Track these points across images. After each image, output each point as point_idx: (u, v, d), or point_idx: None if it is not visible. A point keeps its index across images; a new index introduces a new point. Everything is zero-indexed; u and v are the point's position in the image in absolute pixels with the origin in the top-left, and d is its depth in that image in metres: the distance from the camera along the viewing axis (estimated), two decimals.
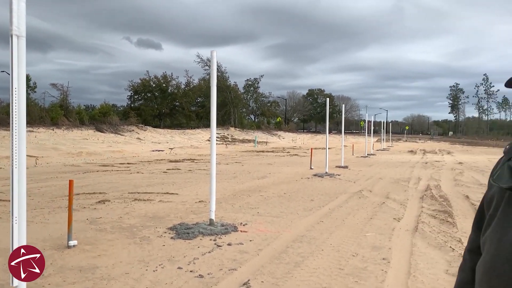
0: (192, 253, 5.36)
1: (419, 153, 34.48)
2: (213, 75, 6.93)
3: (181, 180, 13.04)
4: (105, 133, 34.41)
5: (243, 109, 73.09)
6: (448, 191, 11.30)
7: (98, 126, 35.59)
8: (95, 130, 34.36)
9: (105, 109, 40.55)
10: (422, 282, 4.47)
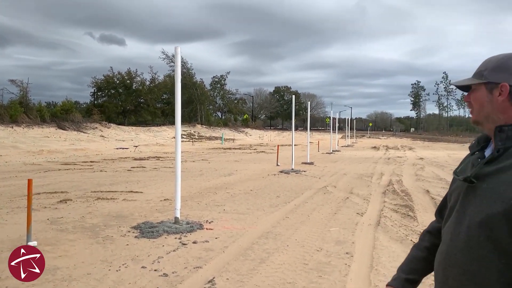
0: (156, 252, 5.30)
1: (382, 149, 35.31)
2: (178, 72, 6.86)
3: (146, 178, 12.86)
4: (68, 131, 33.47)
5: (209, 106, 72.68)
6: (410, 186, 11.63)
7: (60, 123, 34.55)
8: (57, 128, 33.36)
9: (67, 106, 39.39)
10: (384, 275, 4.58)
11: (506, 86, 1.38)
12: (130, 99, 57.95)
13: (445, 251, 1.44)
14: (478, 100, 1.45)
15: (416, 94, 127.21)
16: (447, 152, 30.77)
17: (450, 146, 42.10)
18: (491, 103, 1.41)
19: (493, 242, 1.29)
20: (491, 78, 1.41)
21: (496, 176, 1.32)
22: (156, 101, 61.18)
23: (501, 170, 1.32)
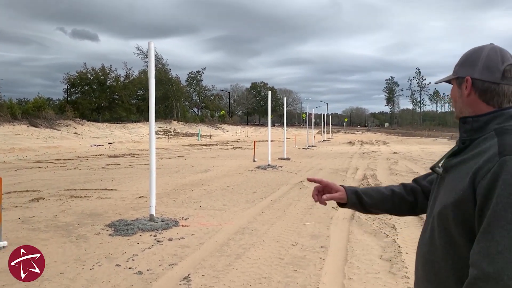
0: (131, 250, 5.24)
1: (357, 144, 35.77)
2: (151, 67, 6.78)
3: (121, 175, 12.69)
4: (40, 128, 32.68)
5: (186, 102, 72.10)
6: (384, 180, 11.82)
7: (32, 121, 33.70)
8: (29, 125, 32.53)
9: (39, 103, 38.42)
10: (357, 268, 4.66)
11: (469, 80, 1.37)
12: (105, 95, 57.00)
13: (418, 242, 1.48)
14: (452, 96, 1.47)
15: (390, 90, 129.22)
16: (420, 146, 31.38)
17: (423, 141, 42.96)
18: (461, 98, 1.42)
19: (447, 233, 1.31)
20: (459, 72, 1.42)
21: (459, 168, 1.34)
22: (131, 97, 60.33)
23: (463, 162, 1.33)
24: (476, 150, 1.31)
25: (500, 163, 1.20)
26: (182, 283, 4.14)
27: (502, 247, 1.15)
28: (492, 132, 1.31)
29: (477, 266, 1.18)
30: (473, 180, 1.24)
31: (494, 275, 1.14)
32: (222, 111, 78.41)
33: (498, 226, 1.16)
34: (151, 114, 6.86)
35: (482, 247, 1.18)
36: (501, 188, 1.18)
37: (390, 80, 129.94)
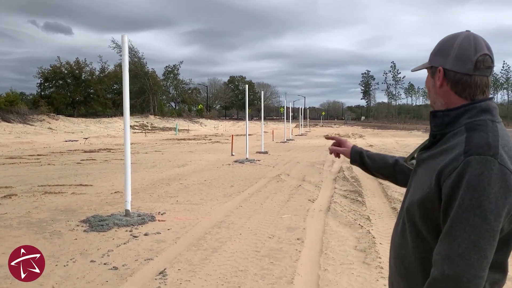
0: (106, 245, 5.19)
1: None
2: (125, 61, 6.69)
3: (96, 171, 12.51)
4: (13, 123, 31.88)
5: (163, 96, 71.42)
6: (359, 172, 11.97)
7: (4, 116, 32.84)
8: (1, 120, 31.69)
9: (11, 97, 37.46)
10: (332, 259, 4.73)
11: (441, 71, 1.33)
12: (80, 89, 56.04)
13: (392, 234, 1.49)
14: (426, 85, 1.42)
15: (366, 83, 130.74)
16: (395, 139, 31.92)
17: (398, 133, 43.69)
18: (434, 88, 1.37)
19: (413, 227, 1.32)
20: (432, 61, 1.37)
21: (428, 162, 1.32)
22: (106, 91, 59.46)
23: (432, 156, 1.31)
24: (445, 145, 1.28)
25: (465, 163, 1.17)
26: (158, 278, 4.13)
27: (462, 250, 1.14)
28: (462, 127, 1.27)
29: (437, 267, 1.18)
30: (439, 179, 1.23)
31: (453, 277, 1.14)
32: (199, 105, 78.00)
33: (460, 228, 1.15)
34: (125, 108, 6.78)
35: (444, 249, 1.17)
36: (464, 189, 1.16)
37: (366, 74, 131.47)
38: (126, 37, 6.70)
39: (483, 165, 1.16)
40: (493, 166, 1.16)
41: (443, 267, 1.16)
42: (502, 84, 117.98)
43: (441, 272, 1.17)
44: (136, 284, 3.99)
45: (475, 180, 1.15)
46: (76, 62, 56.80)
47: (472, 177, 1.15)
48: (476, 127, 1.25)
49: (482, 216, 1.14)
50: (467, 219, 1.15)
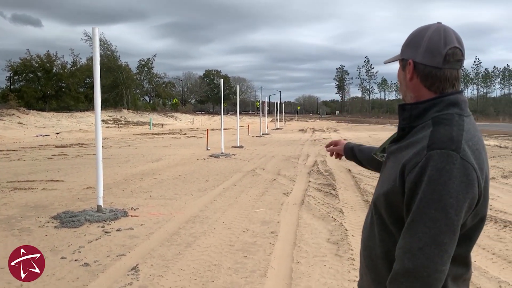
0: (77, 242, 5.11)
1: (309, 131, 36.40)
2: (96, 54, 6.56)
3: (68, 166, 12.27)
4: None
5: (136, 90, 70.37)
6: (333, 166, 12.12)
7: None
8: None
9: None
10: (306, 252, 4.78)
11: (411, 64, 1.31)
12: (51, 83, 54.69)
13: (363, 226, 1.50)
14: (398, 78, 1.41)
15: (341, 78, 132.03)
16: (368, 133, 32.39)
17: (372, 127, 44.34)
18: (405, 81, 1.36)
19: (379, 220, 1.33)
20: (404, 54, 1.35)
21: (395, 155, 1.32)
22: (78, 85, 58.27)
23: (400, 149, 1.31)
24: (412, 138, 1.28)
25: (427, 157, 1.17)
26: (130, 274, 4.09)
27: (423, 244, 1.14)
28: (429, 120, 1.27)
29: (398, 261, 1.19)
30: (402, 172, 1.22)
31: (413, 271, 1.15)
32: (174, 99, 77.26)
33: (421, 222, 1.15)
34: (96, 102, 6.66)
35: (405, 242, 1.18)
36: (425, 183, 1.16)
37: (341, 69, 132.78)
38: (97, 29, 6.57)
39: (445, 159, 1.16)
40: (455, 161, 1.16)
41: (404, 261, 1.17)
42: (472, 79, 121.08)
43: (401, 266, 1.17)
44: (108, 280, 3.94)
45: (436, 174, 1.15)
46: (47, 55, 55.41)
47: (434, 172, 1.15)
48: (442, 121, 1.25)
49: (443, 211, 1.14)
50: (427, 213, 1.15)
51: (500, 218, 6.14)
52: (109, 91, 57.71)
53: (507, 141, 22.78)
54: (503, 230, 5.58)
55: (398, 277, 1.18)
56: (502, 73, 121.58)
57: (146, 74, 75.52)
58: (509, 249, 4.83)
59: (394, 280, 1.19)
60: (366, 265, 1.40)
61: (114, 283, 3.87)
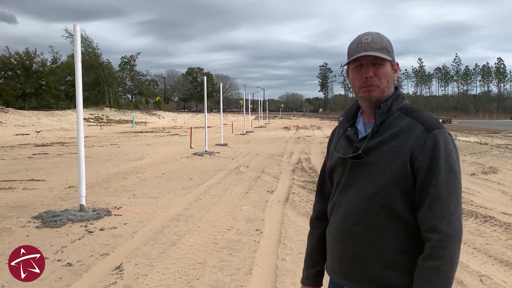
0: (60, 242, 5.04)
1: (292, 129, 36.52)
2: (77, 51, 6.46)
3: (49, 165, 12.08)
4: None
5: (119, 88, 69.49)
6: (317, 163, 12.19)
7: None
8: None
9: None
10: (290, 249, 4.80)
11: (398, 65, 1.55)
12: (30, 81, 53.59)
13: (339, 225, 1.50)
14: (387, 76, 1.49)
15: (324, 76, 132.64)
16: None
17: None
18: (391, 79, 1.51)
19: (387, 210, 1.40)
20: (393, 56, 1.52)
21: (379, 149, 1.42)
22: (59, 83, 57.21)
23: (383, 143, 1.42)
24: (393, 130, 1.42)
25: (432, 138, 1.37)
26: (114, 273, 4.05)
27: (453, 209, 1.34)
28: (397, 112, 1.46)
29: (437, 230, 1.32)
30: (409, 157, 1.37)
31: (453, 233, 1.33)
32: (157, 97, 76.62)
33: (445, 191, 1.35)
34: (78, 100, 6.56)
35: (437, 213, 1.33)
36: (439, 159, 1.36)
37: (324, 67, 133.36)
38: (78, 26, 6.47)
39: (443, 135, 1.39)
40: (448, 136, 1.40)
41: (443, 228, 1.33)
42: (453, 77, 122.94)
43: (442, 233, 1.33)
44: (92, 280, 3.90)
45: (443, 149, 1.37)
46: (26, 52, 54.29)
47: (441, 147, 1.37)
48: (412, 109, 1.47)
49: (456, 177, 1.38)
50: (448, 182, 1.35)
51: (481, 213, 6.26)
52: (90, 89, 56.90)
53: (487, 138, 23.22)
54: (483, 225, 5.69)
55: (441, 244, 1.32)
56: (482, 70, 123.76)
57: (128, 72, 74.73)
58: (489, 243, 4.93)
59: (438, 249, 1.32)
60: (363, 258, 1.44)
61: (98, 283, 3.83)
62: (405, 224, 1.39)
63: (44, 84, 55.18)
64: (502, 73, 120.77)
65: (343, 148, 1.54)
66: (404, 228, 1.39)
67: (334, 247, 1.55)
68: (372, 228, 1.42)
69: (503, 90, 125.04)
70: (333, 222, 1.56)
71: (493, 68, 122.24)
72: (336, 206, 1.54)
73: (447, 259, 1.32)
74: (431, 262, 1.33)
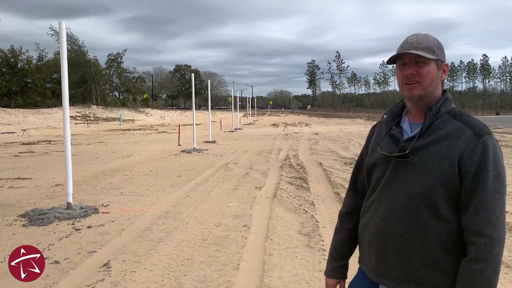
0: (47, 239, 5.02)
1: (281, 126, 36.61)
2: (63, 48, 6.42)
3: (36, 163, 11.98)
4: None
5: (106, 86, 68.90)
6: (305, 159, 12.26)
7: None
8: None
9: None
10: (278, 244, 4.85)
11: (448, 66, 1.56)
12: (16, 79, 52.85)
13: (380, 223, 1.52)
14: (431, 75, 1.51)
15: (312, 73, 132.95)
16: (339, 127, 32.83)
17: (342, 121, 44.96)
18: (436, 80, 1.52)
19: (431, 210, 1.43)
20: (440, 56, 1.53)
21: (426, 150, 1.45)
22: (45, 81, 56.53)
23: (430, 144, 1.45)
24: (441, 132, 1.45)
25: (482, 143, 1.40)
26: (101, 270, 4.06)
27: (498, 214, 1.37)
28: (446, 115, 1.49)
29: (483, 234, 1.36)
30: (457, 161, 1.40)
31: (498, 238, 1.36)
32: (145, 95, 76.12)
33: (492, 196, 1.38)
34: (64, 97, 6.52)
35: (484, 217, 1.37)
36: (488, 164, 1.38)
37: (312, 64, 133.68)
38: (63, 23, 6.43)
39: (492, 141, 1.42)
40: (495, 142, 1.44)
41: (489, 233, 1.36)
42: None
43: (488, 237, 1.36)
44: (79, 277, 3.90)
45: (492, 155, 1.40)
46: (11, 49, 53.53)
47: (490, 153, 1.39)
48: (460, 113, 1.49)
49: (503, 183, 1.41)
50: (495, 188, 1.39)
51: None
52: (77, 87, 56.32)
53: None
54: None
55: (486, 248, 1.35)
56: (467, 67, 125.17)
57: (115, 69, 74.12)
58: None
59: (483, 252, 1.35)
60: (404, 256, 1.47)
61: (86, 280, 3.83)
62: (448, 226, 1.42)
63: (30, 82, 54.48)
64: (487, 70, 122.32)
65: (388, 147, 1.56)
66: (446, 230, 1.42)
67: (373, 245, 1.56)
68: (415, 227, 1.44)
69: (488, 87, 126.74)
70: (373, 220, 1.57)
71: (478, 64, 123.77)
72: (376, 204, 1.56)
73: (492, 263, 1.35)
74: (476, 265, 1.36)
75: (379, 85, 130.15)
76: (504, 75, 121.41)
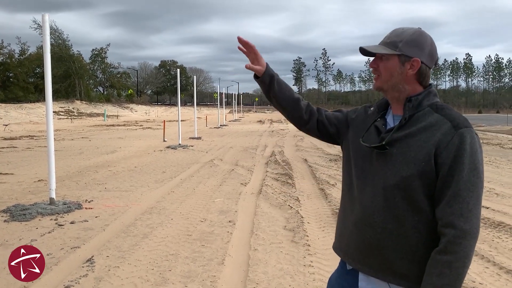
0: (29, 235, 4.96)
1: (267, 122, 36.66)
2: (46, 42, 6.32)
3: (18, 159, 11.80)
4: None
5: (90, 81, 68.07)
6: (290, 156, 12.31)
7: None
8: None
9: None
10: (263, 239, 4.86)
11: (418, 61, 1.51)
12: None
13: (360, 212, 1.54)
14: (389, 69, 1.53)
15: (298, 70, 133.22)
16: None
17: None
18: (401, 75, 1.51)
19: (408, 201, 1.44)
20: (405, 51, 1.51)
21: (405, 141, 1.46)
22: (28, 75, 55.68)
23: (409, 136, 1.46)
24: (421, 124, 1.46)
25: (459, 135, 1.40)
26: (85, 266, 4.02)
27: (471, 206, 1.37)
28: (427, 108, 1.49)
29: (454, 226, 1.36)
30: (434, 152, 1.40)
31: (470, 231, 1.36)
32: (129, 90, 75.37)
33: (466, 189, 1.37)
34: (47, 92, 6.43)
35: (456, 209, 1.37)
36: (464, 157, 1.38)
37: (298, 61, 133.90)
38: (47, 16, 6.33)
39: (471, 134, 1.41)
40: (475, 135, 1.43)
41: (460, 224, 1.36)
42: None
43: (459, 229, 1.36)
44: (62, 273, 3.86)
45: (469, 147, 1.39)
46: None
47: (467, 146, 1.39)
48: (441, 107, 1.50)
49: (479, 176, 1.40)
50: (470, 180, 1.38)
51: None
52: (60, 82, 55.53)
53: None
54: None
55: (456, 240, 1.36)
56: (451, 66, 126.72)
57: (99, 64, 73.22)
58: None
59: (452, 244, 1.36)
60: (382, 246, 1.48)
61: (69, 275, 3.80)
62: (425, 218, 1.43)
63: (12, 76, 53.59)
64: (470, 69, 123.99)
65: (370, 138, 1.57)
66: (423, 221, 1.43)
67: (353, 233, 1.57)
68: (392, 218, 1.45)
69: (471, 85, 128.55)
70: (353, 208, 1.58)
71: (461, 63, 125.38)
72: (357, 192, 1.57)
73: (460, 255, 1.35)
74: (445, 256, 1.36)
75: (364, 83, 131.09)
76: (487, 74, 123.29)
